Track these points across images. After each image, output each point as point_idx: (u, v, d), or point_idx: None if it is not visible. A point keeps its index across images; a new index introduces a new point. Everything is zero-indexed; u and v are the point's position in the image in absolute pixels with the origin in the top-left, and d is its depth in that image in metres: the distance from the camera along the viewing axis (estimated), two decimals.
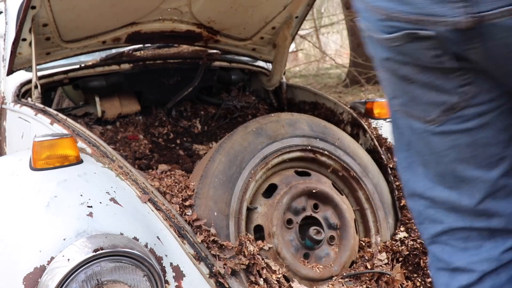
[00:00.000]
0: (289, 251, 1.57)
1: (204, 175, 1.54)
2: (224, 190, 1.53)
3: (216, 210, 1.48)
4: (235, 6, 2.14)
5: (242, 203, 1.56)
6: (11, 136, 2.29)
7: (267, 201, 1.63)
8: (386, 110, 2.16)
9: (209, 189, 1.51)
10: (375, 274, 1.58)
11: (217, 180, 1.53)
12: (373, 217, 1.80)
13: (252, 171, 1.61)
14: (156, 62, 2.59)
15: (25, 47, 1.85)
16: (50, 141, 1.43)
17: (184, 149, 2.51)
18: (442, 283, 1.02)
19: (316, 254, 1.63)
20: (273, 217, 1.58)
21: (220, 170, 1.55)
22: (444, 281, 1.02)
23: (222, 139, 1.68)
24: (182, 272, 1.31)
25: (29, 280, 1.13)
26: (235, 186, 1.55)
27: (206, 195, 1.50)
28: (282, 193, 1.64)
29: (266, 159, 1.66)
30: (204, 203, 1.48)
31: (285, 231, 1.60)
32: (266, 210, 1.61)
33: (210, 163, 1.57)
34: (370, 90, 7.94)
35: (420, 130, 0.98)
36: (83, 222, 1.22)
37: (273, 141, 1.69)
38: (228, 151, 1.60)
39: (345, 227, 1.69)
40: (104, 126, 2.55)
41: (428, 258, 1.13)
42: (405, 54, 0.91)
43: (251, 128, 1.69)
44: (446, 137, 0.95)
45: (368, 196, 1.81)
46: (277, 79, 2.75)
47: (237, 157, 1.60)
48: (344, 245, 1.67)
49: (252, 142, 1.65)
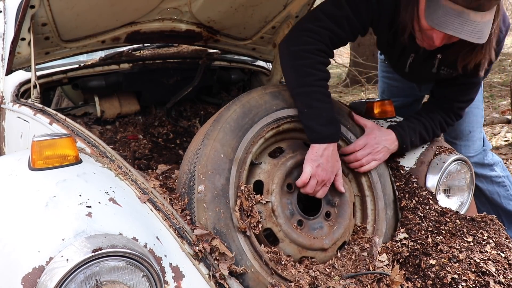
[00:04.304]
0: (284, 212, 1.59)
1: (217, 120, 1.57)
2: (233, 136, 1.56)
3: (222, 152, 1.51)
4: (235, 5, 2.14)
5: (247, 154, 1.59)
6: (10, 136, 2.28)
7: (272, 160, 1.66)
8: (386, 110, 2.16)
9: (219, 133, 1.54)
10: (376, 276, 1.58)
11: (228, 126, 1.56)
12: (372, 205, 1.82)
13: (263, 128, 1.64)
14: (155, 62, 2.59)
15: (24, 47, 1.85)
16: (49, 141, 1.42)
17: (183, 149, 2.51)
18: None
19: (310, 224, 1.65)
20: (275, 176, 1.61)
21: (233, 118, 1.58)
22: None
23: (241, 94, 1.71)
24: (182, 272, 1.30)
25: (27, 280, 1.13)
26: (244, 136, 1.58)
27: (215, 137, 1.53)
28: (287, 156, 1.67)
29: (279, 121, 1.68)
30: (211, 144, 1.51)
31: (284, 193, 1.62)
32: (269, 168, 1.63)
33: (225, 110, 1.60)
34: (370, 90, 7.94)
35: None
36: (82, 222, 1.22)
37: (288, 106, 1.71)
38: (244, 104, 1.62)
39: (342, 206, 1.72)
40: (104, 126, 2.55)
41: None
42: None
43: (270, 90, 1.72)
44: None
45: (371, 184, 1.82)
46: (277, 78, 2.75)
47: (251, 111, 1.62)
48: (339, 223, 1.69)
49: (268, 101, 1.68)
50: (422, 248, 1.64)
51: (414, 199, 1.82)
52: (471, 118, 2.32)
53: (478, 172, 2.27)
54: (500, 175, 2.39)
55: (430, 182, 1.89)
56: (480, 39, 1.52)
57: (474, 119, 2.32)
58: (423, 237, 1.68)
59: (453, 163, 1.92)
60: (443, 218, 1.76)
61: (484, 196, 2.42)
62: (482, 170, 2.35)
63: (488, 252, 1.62)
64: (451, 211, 1.80)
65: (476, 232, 1.71)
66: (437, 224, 1.74)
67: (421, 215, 1.77)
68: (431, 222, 1.74)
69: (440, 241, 1.66)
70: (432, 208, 1.79)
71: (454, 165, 1.93)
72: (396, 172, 1.92)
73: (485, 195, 2.41)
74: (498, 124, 5.13)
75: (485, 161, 2.35)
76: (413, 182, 1.88)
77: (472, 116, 2.31)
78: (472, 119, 2.32)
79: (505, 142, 4.59)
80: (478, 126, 2.34)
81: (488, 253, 1.61)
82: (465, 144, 2.33)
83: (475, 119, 2.33)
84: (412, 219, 1.76)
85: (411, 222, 1.75)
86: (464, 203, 1.97)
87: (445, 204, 1.86)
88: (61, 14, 1.83)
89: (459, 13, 1.49)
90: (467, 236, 1.69)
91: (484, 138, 2.39)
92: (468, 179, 1.98)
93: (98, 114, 2.51)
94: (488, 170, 2.38)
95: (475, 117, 2.32)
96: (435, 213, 1.78)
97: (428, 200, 1.82)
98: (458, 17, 1.49)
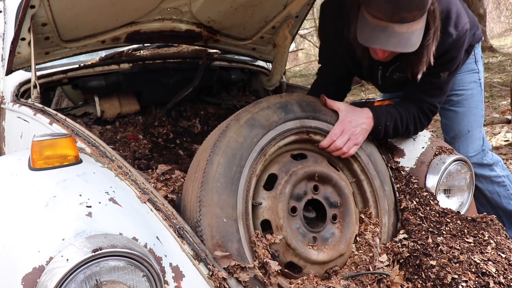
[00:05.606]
0: (298, 239, 1.58)
1: (205, 181, 1.48)
2: (228, 194, 1.49)
3: (224, 216, 1.45)
4: (235, 5, 2.14)
5: (247, 203, 1.54)
6: (10, 136, 2.28)
7: (270, 194, 1.62)
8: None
9: (213, 196, 1.47)
10: (376, 276, 1.58)
11: (219, 184, 1.49)
12: (369, 187, 1.82)
13: (252, 167, 1.58)
14: (155, 62, 2.59)
15: (24, 47, 1.84)
16: (49, 141, 1.42)
17: (183, 149, 2.51)
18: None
19: (322, 235, 1.65)
20: (278, 210, 1.58)
21: (221, 173, 1.50)
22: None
23: (214, 135, 1.62)
24: (182, 272, 1.30)
25: (28, 280, 1.12)
26: (238, 187, 1.52)
27: (211, 202, 1.46)
28: (283, 182, 1.63)
29: (264, 150, 1.63)
30: (211, 211, 1.44)
31: (291, 219, 1.61)
32: (270, 204, 1.60)
33: (209, 166, 1.50)
34: (370, 90, 7.95)
35: None
36: (82, 222, 1.22)
37: (267, 130, 1.64)
38: (225, 151, 1.53)
39: (345, 204, 1.72)
40: (104, 126, 2.55)
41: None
42: None
43: (244, 120, 1.63)
44: None
45: (363, 167, 1.83)
46: (277, 78, 2.75)
47: (235, 156, 1.54)
48: (346, 222, 1.70)
49: (247, 136, 1.59)
50: (423, 248, 1.64)
51: (414, 199, 1.82)
52: (470, 118, 2.31)
53: (477, 172, 2.27)
54: (500, 175, 2.39)
55: (430, 182, 1.89)
56: (407, 48, 1.64)
57: (473, 118, 2.32)
58: (424, 238, 1.68)
59: (453, 163, 1.92)
60: (444, 218, 1.76)
61: (484, 196, 2.41)
62: (481, 170, 2.35)
63: (489, 253, 1.62)
64: (452, 212, 1.80)
65: (477, 233, 1.71)
66: (438, 225, 1.74)
67: (422, 215, 1.77)
68: (432, 223, 1.74)
69: (441, 241, 1.66)
70: (432, 209, 1.79)
71: (454, 165, 1.93)
72: (396, 173, 1.92)
73: (485, 196, 2.41)
74: (498, 124, 5.13)
75: (484, 161, 2.35)
76: (414, 183, 1.88)
77: (471, 115, 2.31)
78: (471, 119, 2.32)
79: (505, 142, 4.59)
80: (477, 126, 2.34)
81: (489, 253, 1.61)
82: (464, 143, 2.33)
83: (474, 119, 2.33)
84: (413, 220, 1.76)
85: (411, 223, 1.75)
86: (464, 203, 1.97)
87: (445, 204, 1.86)
88: (61, 14, 1.83)
89: (384, 28, 1.61)
90: (467, 236, 1.69)
91: (484, 138, 2.39)
92: (468, 179, 1.98)
93: (98, 114, 2.51)
94: (487, 170, 2.37)
95: (474, 117, 2.32)
96: (435, 214, 1.78)
97: (428, 201, 1.82)
98: (383, 31, 1.62)
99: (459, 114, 2.31)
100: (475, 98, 2.30)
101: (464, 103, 2.30)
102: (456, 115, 2.31)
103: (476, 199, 2.20)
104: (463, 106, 2.30)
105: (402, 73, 1.94)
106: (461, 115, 2.31)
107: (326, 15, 2.05)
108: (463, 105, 2.30)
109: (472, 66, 2.29)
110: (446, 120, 2.36)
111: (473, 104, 2.30)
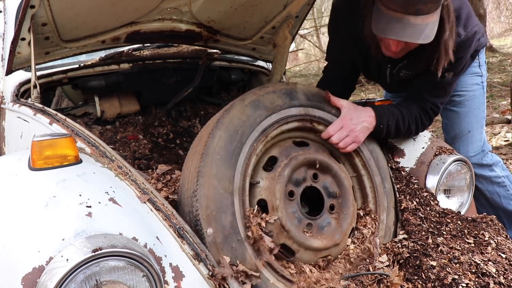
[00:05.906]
0: (293, 223, 1.58)
1: (205, 153, 1.50)
2: (226, 167, 1.51)
3: (220, 188, 1.47)
4: (235, 5, 2.14)
5: (245, 179, 1.56)
6: (10, 136, 2.28)
7: (268, 175, 1.63)
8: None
9: (212, 167, 1.49)
10: (376, 277, 1.58)
11: (219, 157, 1.51)
12: (370, 183, 1.83)
13: (253, 145, 1.60)
14: (155, 62, 2.59)
15: (24, 47, 1.84)
16: (49, 141, 1.42)
17: (184, 149, 2.50)
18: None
19: (318, 223, 1.65)
20: (276, 191, 1.59)
21: (221, 146, 1.52)
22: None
23: (219, 113, 1.64)
24: (182, 272, 1.30)
25: (27, 280, 1.12)
26: (237, 162, 1.54)
27: (209, 173, 1.47)
28: (282, 165, 1.64)
29: (266, 131, 1.65)
30: (208, 182, 1.46)
31: (288, 203, 1.61)
32: (268, 184, 1.61)
33: (210, 139, 1.53)
34: (370, 90, 7.94)
35: None
36: (82, 222, 1.22)
37: (271, 113, 1.67)
38: (227, 127, 1.56)
39: (344, 195, 1.72)
40: (104, 126, 2.55)
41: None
42: None
43: (249, 100, 1.65)
44: None
45: (364, 163, 1.83)
46: (277, 78, 2.75)
47: (237, 132, 1.56)
48: (344, 213, 1.70)
49: (250, 115, 1.62)
50: (423, 249, 1.64)
51: (415, 200, 1.82)
52: (470, 118, 2.32)
53: (477, 172, 2.26)
54: (499, 175, 2.39)
55: (430, 182, 1.89)
56: (423, 39, 1.64)
57: (474, 119, 2.32)
58: (424, 238, 1.68)
59: (453, 164, 1.92)
60: (444, 219, 1.76)
61: (484, 197, 2.41)
62: (481, 170, 2.35)
63: (489, 253, 1.62)
64: (452, 212, 1.80)
65: (478, 233, 1.71)
66: (438, 225, 1.74)
67: (422, 216, 1.77)
68: (432, 223, 1.74)
69: (441, 242, 1.66)
70: (433, 209, 1.79)
71: (454, 165, 1.93)
72: (396, 173, 1.92)
73: (485, 196, 2.41)
74: (498, 124, 5.13)
75: (483, 162, 2.35)
76: (414, 183, 1.88)
77: (472, 116, 2.31)
78: (472, 119, 2.32)
79: (505, 142, 4.59)
80: (478, 126, 2.34)
81: (489, 254, 1.61)
82: (464, 144, 2.33)
83: (474, 119, 2.33)
84: (413, 220, 1.76)
85: (411, 223, 1.75)
86: (464, 203, 1.97)
87: (445, 205, 1.86)
88: (61, 14, 1.83)
89: (400, 19, 1.62)
90: (468, 237, 1.69)
91: (485, 139, 2.39)
92: (468, 180, 1.98)
93: (98, 114, 2.51)
94: (487, 171, 2.37)
95: (475, 118, 2.32)
96: (436, 214, 1.78)
97: (429, 201, 1.82)
98: (399, 22, 1.63)
99: (460, 114, 2.31)
100: (477, 100, 2.31)
101: (466, 103, 2.30)
102: (457, 115, 2.32)
103: (476, 199, 2.20)
104: (465, 106, 2.30)
105: (409, 71, 1.95)
106: (462, 115, 2.31)
107: (338, 10, 2.07)
108: (465, 105, 2.30)
109: (475, 70, 2.30)
110: (447, 120, 2.37)
111: (475, 105, 2.30)
